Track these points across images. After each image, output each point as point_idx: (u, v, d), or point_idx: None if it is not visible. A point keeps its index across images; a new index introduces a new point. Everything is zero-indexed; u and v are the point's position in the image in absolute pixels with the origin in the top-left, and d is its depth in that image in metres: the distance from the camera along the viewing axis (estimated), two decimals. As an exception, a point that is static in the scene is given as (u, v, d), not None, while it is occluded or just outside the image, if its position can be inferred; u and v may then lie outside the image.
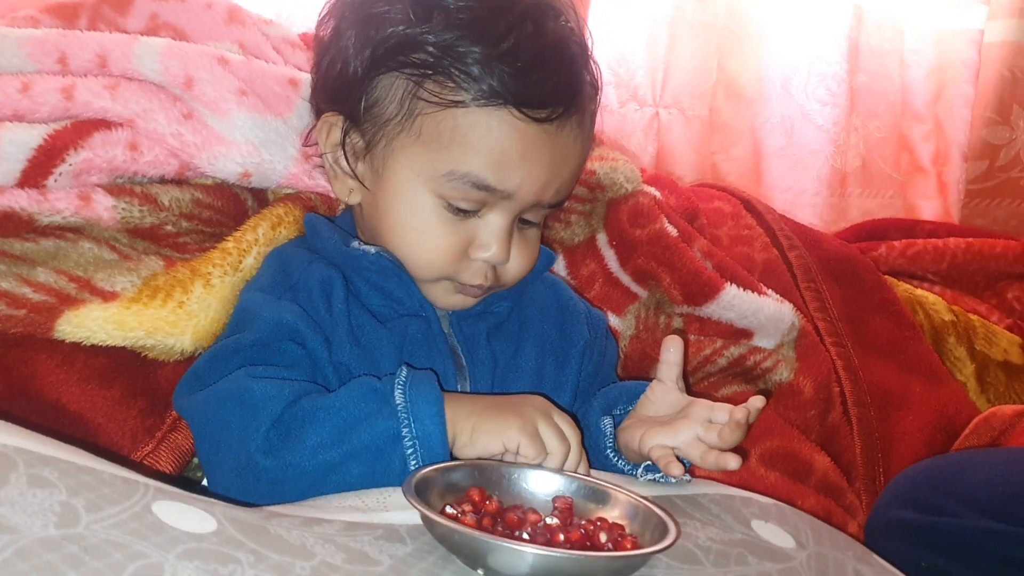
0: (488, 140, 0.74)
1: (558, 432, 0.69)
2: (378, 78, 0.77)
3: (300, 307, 0.77)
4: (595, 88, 0.81)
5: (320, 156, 0.85)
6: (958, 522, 0.89)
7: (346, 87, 0.79)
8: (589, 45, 0.81)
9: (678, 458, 0.71)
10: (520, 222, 0.80)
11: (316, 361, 0.76)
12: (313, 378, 0.75)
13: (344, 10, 0.80)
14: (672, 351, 0.77)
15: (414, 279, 0.80)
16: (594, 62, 0.82)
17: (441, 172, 0.75)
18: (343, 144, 0.81)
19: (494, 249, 0.78)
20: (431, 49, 0.74)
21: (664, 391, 0.77)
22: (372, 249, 0.79)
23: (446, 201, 0.77)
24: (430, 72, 0.74)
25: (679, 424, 0.73)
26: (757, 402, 0.70)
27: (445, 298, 0.81)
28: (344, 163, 0.82)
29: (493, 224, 0.78)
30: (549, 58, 0.75)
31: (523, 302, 0.87)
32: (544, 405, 0.72)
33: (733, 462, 0.69)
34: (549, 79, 0.74)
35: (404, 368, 0.71)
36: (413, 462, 0.66)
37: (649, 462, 0.74)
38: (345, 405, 0.68)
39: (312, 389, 0.72)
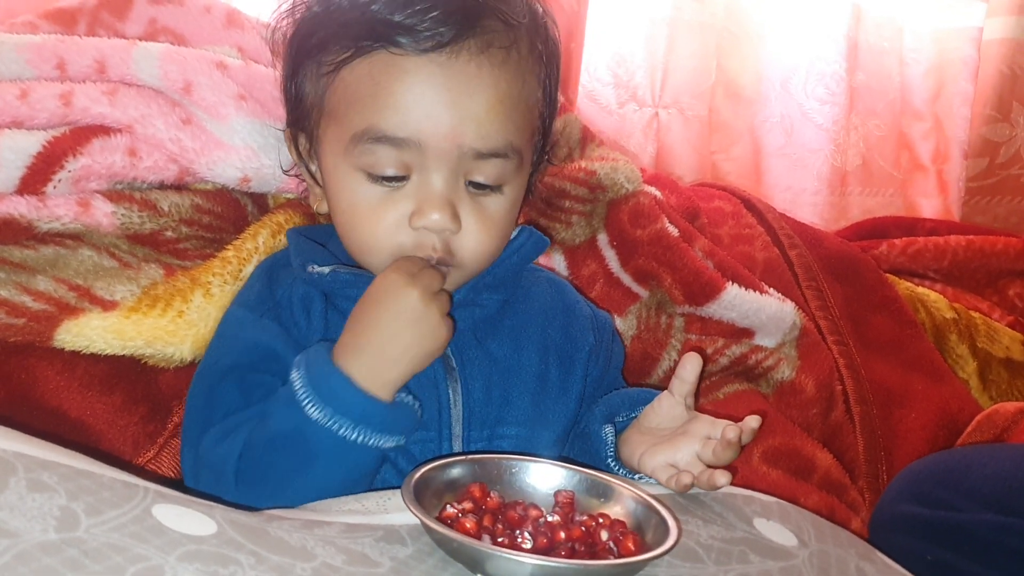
0: (373, 88, 0.72)
1: (439, 305, 0.71)
2: (299, 76, 0.79)
3: (281, 325, 0.76)
4: (503, 19, 0.74)
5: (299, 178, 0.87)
6: (963, 516, 0.89)
7: (288, 102, 0.82)
8: None
9: None
10: (473, 187, 0.75)
11: None
12: None
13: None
14: (688, 369, 0.76)
15: (372, 274, 0.76)
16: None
17: (348, 139, 0.73)
18: (299, 152, 0.82)
19: (432, 215, 0.72)
20: (321, 28, 0.75)
21: (672, 404, 0.76)
22: (326, 269, 0.77)
23: (366, 173, 0.73)
24: (322, 47, 0.75)
25: (679, 440, 0.73)
26: (752, 422, 0.70)
27: None
28: (306, 173, 0.83)
29: (425, 186, 0.73)
30: None
31: (520, 299, 0.84)
32: (396, 295, 0.70)
33: (722, 479, 0.69)
34: (421, 7, 0.71)
35: (294, 372, 0.68)
36: (375, 440, 0.66)
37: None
38: (280, 427, 0.67)
39: (254, 423, 0.70)
